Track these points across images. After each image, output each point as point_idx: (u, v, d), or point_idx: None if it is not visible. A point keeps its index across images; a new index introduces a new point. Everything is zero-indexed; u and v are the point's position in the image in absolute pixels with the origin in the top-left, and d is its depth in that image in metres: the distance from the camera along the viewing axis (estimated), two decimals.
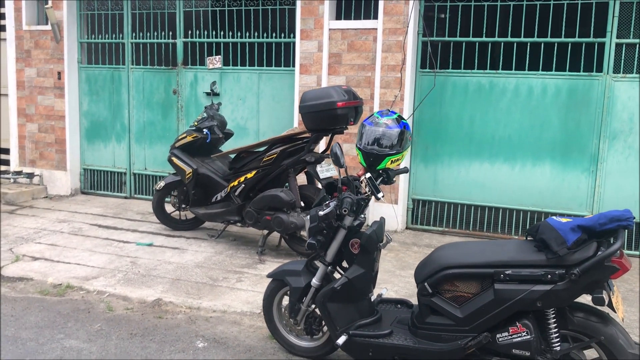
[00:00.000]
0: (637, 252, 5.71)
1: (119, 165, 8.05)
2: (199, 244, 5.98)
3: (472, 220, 6.40)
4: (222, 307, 4.45)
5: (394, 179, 3.44)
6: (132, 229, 6.53)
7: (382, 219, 3.38)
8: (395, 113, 3.39)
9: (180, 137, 6.23)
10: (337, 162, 3.11)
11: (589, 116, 5.84)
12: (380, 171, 3.33)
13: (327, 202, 3.24)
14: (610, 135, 5.78)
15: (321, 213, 3.11)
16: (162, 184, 6.34)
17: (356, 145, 3.34)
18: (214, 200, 5.99)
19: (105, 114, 8.00)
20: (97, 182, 8.21)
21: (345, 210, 3.08)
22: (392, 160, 3.29)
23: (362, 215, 3.29)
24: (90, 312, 4.34)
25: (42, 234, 6.22)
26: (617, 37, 5.67)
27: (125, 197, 8.04)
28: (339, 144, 3.15)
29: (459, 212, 6.45)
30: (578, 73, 5.85)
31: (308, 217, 3.34)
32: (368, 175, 3.19)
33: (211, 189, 6.01)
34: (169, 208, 6.52)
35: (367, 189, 3.22)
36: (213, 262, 5.45)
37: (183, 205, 6.34)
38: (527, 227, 6.19)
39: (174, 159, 6.15)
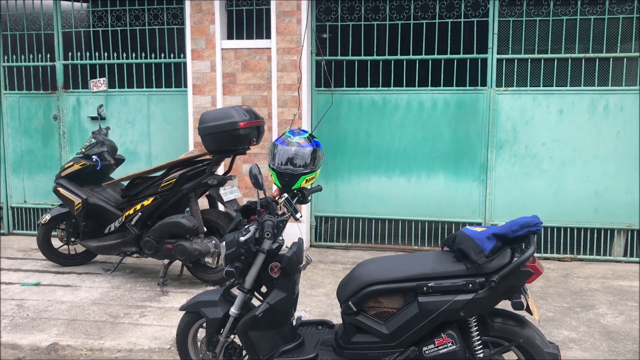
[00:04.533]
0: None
1: None
2: (92, 280, 5.57)
3: (373, 233, 6.50)
4: (127, 346, 4.14)
5: (309, 198, 3.38)
6: (14, 268, 5.96)
7: (301, 240, 3.30)
8: (306, 132, 3.34)
9: (66, 166, 5.80)
10: (257, 184, 3.00)
11: (476, 127, 6.16)
12: (295, 191, 3.26)
13: (245, 226, 3.11)
14: (497, 144, 6.13)
15: (242, 239, 2.97)
16: (47, 217, 5.86)
17: (269, 166, 3.26)
18: (107, 231, 5.61)
19: None
20: None
21: (267, 234, 2.97)
22: (306, 180, 3.23)
23: (281, 238, 3.20)
24: None
25: None
26: (497, 53, 6.04)
27: (2, 234, 7.35)
28: (257, 165, 3.04)
29: (361, 227, 6.53)
30: (464, 87, 6.16)
31: (223, 243, 3.19)
32: (285, 195, 3.11)
33: (104, 219, 5.63)
34: (56, 242, 6.03)
35: (285, 210, 3.14)
36: (111, 297, 5.09)
37: (72, 239, 5.90)
38: (426, 236, 6.39)
39: (60, 189, 5.70)
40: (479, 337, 2.94)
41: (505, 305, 2.95)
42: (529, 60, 6.03)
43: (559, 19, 5.93)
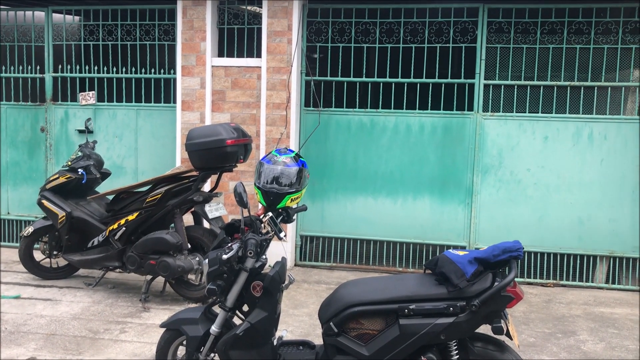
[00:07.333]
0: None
1: None
2: (74, 294, 5.51)
3: (358, 254, 6.50)
4: None
5: (294, 217, 3.39)
6: None
7: (284, 259, 3.30)
8: (293, 151, 3.36)
9: (51, 178, 5.76)
10: (241, 203, 3.00)
11: (463, 152, 6.22)
12: (280, 210, 3.27)
13: (228, 244, 3.11)
14: (482, 169, 6.18)
15: (225, 256, 2.96)
16: (30, 229, 5.81)
17: (255, 184, 3.27)
18: (90, 245, 5.57)
19: None
20: None
21: (250, 253, 2.97)
22: (292, 199, 3.25)
23: (264, 257, 3.20)
24: None
25: None
26: (485, 79, 6.12)
27: None
28: (242, 183, 3.05)
29: (346, 247, 6.54)
30: (451, 112, 6.22)
31: (206, 260, 3.18)
32: (270, 214, 3.11)
33: (87, 233, 5.59)
34: (38, 255, 5.97)
35: (269, 229, 3.14)
36: (92, 312, 5.04)
37: (55, 252, 5.85)
38: (410, 258, 6.40)
39: (45, 201, 5.66)
40: None
41: (485, 329, 2.96)
42: (516, 87, 6.12)
43: (545, 47, 6.03)
